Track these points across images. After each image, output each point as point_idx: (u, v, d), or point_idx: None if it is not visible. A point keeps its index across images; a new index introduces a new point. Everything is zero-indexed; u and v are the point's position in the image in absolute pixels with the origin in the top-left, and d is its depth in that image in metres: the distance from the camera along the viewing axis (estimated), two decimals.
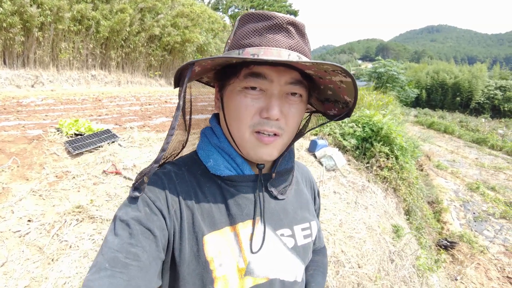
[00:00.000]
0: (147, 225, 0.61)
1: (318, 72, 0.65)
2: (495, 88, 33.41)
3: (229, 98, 0.69)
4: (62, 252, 2.35)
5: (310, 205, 0.90)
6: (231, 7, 30.18)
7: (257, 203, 0.73)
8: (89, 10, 11.19)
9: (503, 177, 11.26)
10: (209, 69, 0.71)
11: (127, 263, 0.56)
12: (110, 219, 2.68)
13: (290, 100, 0.67)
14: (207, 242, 0.65)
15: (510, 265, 5.33)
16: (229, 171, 0.73)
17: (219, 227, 0.68)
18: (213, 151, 0.75)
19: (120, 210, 0.64)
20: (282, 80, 0.65)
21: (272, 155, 0.70)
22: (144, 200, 0.65)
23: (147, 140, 4.18)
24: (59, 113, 5.98)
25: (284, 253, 0.74)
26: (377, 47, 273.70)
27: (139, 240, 0.59)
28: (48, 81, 10.66)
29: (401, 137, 5.70)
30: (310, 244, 0.82)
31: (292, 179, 0.84)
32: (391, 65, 22.06)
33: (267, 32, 0.63)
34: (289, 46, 0.63)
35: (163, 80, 15.94)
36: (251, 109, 0.65)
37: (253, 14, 0.67)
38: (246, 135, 0.67)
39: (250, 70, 0.65)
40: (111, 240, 0.59)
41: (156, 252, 0.61)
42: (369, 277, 2.85)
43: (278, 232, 0.74)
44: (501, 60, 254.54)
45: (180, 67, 0.61)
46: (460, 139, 19.63)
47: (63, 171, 3.25)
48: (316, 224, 0.88)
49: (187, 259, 0.64)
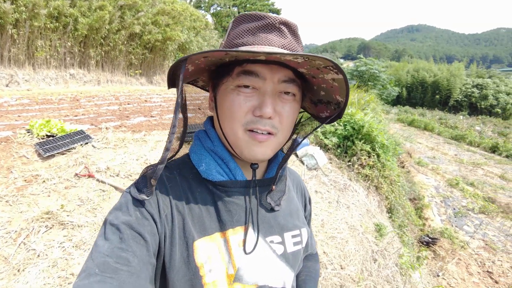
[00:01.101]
0: (138, 229, 0.60)
1: (310, 70, 0.65)
2: (472, 86, 34.36)
3: (222, 97, 0.69)
4: (29, 261, 2.21)
5: (300, 212, 0.89)
6: (213, 5, 30.01)
7: (248, 209, 0.73)
8: (67, 7, 10.83)
9: (481, 172, 11.56)
10: (203, 68, 0.71)
11: (117, 268, 0.55)
12: (81, 225, 2.55)
13: (284, 99, 0.67)
14: (197, 247, 0.65)
15: (490, 260, 5.44)
16: (221, 176, 0.72)
17: (210, 232, 0.67)
18: (206, 155, 0.74)
19: (110, 214, 0.63)
20: (275, 78, 0.65)
21: (266, 154, 0.69)
22: (135, 204, 0.64)
23: (122, 141, 4.03)
24: (33, 114, 5.74)
25: (274, 260, 0.74)
26: (358, 46, 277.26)
27: (129, 245, 0.58)
28: (24, 80, 10.28)
29: (382, 135, 5.72)
30: (300, 251, 0.81)
31: (285, 187, 0.84)
32: (372, 63, 22.41)
33: (260, 31, 0.65)
34: (282, 45, 0.65)
35: (144, 78, 15.64)
36: (244, 107, 0.65)
37: (247, 15, 0.68)
38: (239, 133, 0.67)
39: (243, 68, 0.65)
40: (101, 245, 0.57)
41: (147, 257, 0.59)
42: (352, 278, 2.81)
43: (268, 239, 0.74)
44: (477, 59, 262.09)
45: (173, 64, 0.60)
46: (440, 136, 20.10)
47: (33, 174, 3.08)
48: (307, 231, 0.87)
49: (177, 264, 0.63)
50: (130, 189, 0.67)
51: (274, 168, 0.81)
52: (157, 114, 6.82)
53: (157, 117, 6.41)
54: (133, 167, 3.44)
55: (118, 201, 0.66)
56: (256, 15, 0.66)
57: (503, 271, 5.15)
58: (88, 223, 2.58)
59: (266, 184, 0.78)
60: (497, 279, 4.86)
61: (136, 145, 3.99)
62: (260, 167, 0.79)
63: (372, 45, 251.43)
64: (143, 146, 4.03)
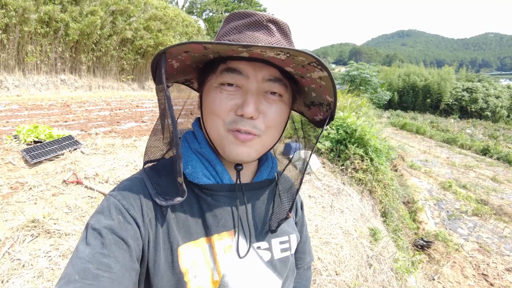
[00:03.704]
0: (120, 234, 0.58)
1: (297, 69, 0.62)
2: (462, 90, 34.75)
3: (206, 95, 0.68)
4: (14, 272, 2.12)
5: (290, 218, 0.85)
6: (205, 11, 30.08)
7: (234, 214, 0.71)
8: (58, 12, 10.78)
9: (473, 175, 11.63)
10: (190, 65, 0.70)
11: (98, 275, 0.52)
12: (69, 233, 2.47)
13: (269, 99, 0.65)
14: (182, 253, 0.63)
15: (484, 262, 5.43)
16: (207, 179, 0.69)
17: (195, 237, 0.66)
18: (192, 157, 0.72)
19: (92, 218, 0.61)
20: (259, 76, 0.63)
21: (249, 156, 0.66)
22: (118, 208, 0.61)
23: (112, 146, 3.95)
24: (22, 119, 5.64)
25: (260, 266, 0.72)
26: (350, 51, 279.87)
27: (111, 250, 0.56)
28: (14, 85, 10.15)
29: (375, 139, 5.71)
30: (288, 258, 0.79)
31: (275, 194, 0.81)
32: (363, 68, 22.60)
33: (247, 29, 0.63)
34: (269, 44, 0.61)
35: (135, 84, 15.58)
36: (226, 105, 0.63)
37: (236, 13, 0.67)
38: (221, 132, 0.65)
39: (226, 65, 0.63)
40: (82, 250, 0.55)
41: (130, 263, 0.57)
42: (347, 284, 2.76)
43: (254, 245, 0.72)
44: (467, 63, 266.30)
45: (153, 58, 0.59)
46: (432, 139, 20.23)
47: (19, 181, 2.99)
48: (296, 237, 0.85)
49: (162, 270, 0.61)
50: (113, 192, 0.65)
51: (264, 172, 0.79)
52: (148, 119, 6.75)
53: (148, 123, 6.34)
54: (122, 173, 3.36)
55: (101, 204, 0.64)
56: (244, 13, 0.65)
57: (498, 273, 5.14)
58: (76, 231, 2.50)
59: (255, 188, 0.76)
60: (492, 282, 4.85)
61: (126, 151, 3.92)
62: (249, 171, 0.77)
63: (363, 50, 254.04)
64: (133, 151, 3.96)
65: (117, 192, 0.64)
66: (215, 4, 29.30)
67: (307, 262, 0.99)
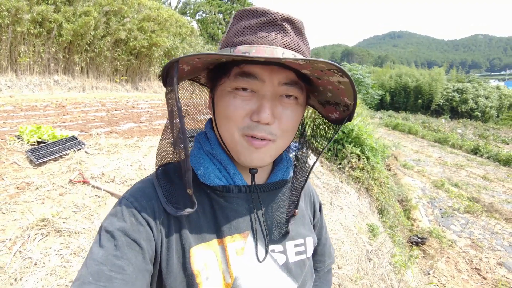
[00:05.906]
0: (133, 236, 0.59)
1: (314, 72, 0.60)
2: (453, 90, 35.22)
3: (219, 99, 0.65)
4: (27, 270, 2.16)
5: (306, 219, 0.85)
6: (198, 12, 30.02)
7: (248, 216, 0.70)
8: (51, 12, 10.66)
9: (464, 174, 11.86)
10: (200, 68, 0.67)
11: (111, 276, 0.54)
12: (78, 231, 2.51)
13: (285, 102, 0.63)
14: (194, 254, 0.63)
15: (477, 257, 5.59)
16: (219, 180, 0.68)
17: (207, 239, 0.65)
18: (205, 159, 0.70)
19: (105, 220, 0.62)
20: (275, 81, 0.60)
21: (264, 161, 0.65)
22: (130, 210, 0.62)
23: (115, 147, 3.99)
24: (19, 120, 5.62)
25: (274, 270, 0.70)
26: (342, 52, 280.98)
27: (124, 252, 0.57)
28: (6, 86, 10.04)
29: (371, 138, 5.83)
30: (304, 262, 0.76)
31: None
32: (356, 69, 22.80)
33: (260, 29, 0.60)
34: (284, 44, 0.59)
35: (129, 85, 15.47)
36: (241, 111, 0.61)
37: (247, 10, 0.63)
38: (236, 137, 0.63)
39: (240, 69, 0.60)
40: (96, 252, 0.57)
41: (143, 264, 0.58)
42: (349, 277, 2.85)
43: (268, 247, 0.70)
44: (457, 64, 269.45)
45: (165, 65, 0.57)
46: (424, 139, 20.53)
47: (25, 181, 3.02)
48: (313, 240, 0.82)
49: (175, 271, 0.61)
50: (126, 195, 0.66)
51: (279, 172, 0.77)
52: (146, 120, 6.77)
53: (147, 123, 6.36)
54: (128, 173, 3.41)
55: (114, 206, 0.65)
56: (257, 11, 0.61)
57: (490, 267, 5.30)
58: (85, 230, 2.54)
59: (268, 189, 0.74)
60: (485, 275, 5.00)
61: (130, 151, 3.96)
62: (263, 172, 0.76)
63: (355, 51, 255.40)
64: (136, 151, 4.00)
65: (129, 195, 0.65)
66: (208, 5, 29.27)
67: (327, 265, 0.98)
